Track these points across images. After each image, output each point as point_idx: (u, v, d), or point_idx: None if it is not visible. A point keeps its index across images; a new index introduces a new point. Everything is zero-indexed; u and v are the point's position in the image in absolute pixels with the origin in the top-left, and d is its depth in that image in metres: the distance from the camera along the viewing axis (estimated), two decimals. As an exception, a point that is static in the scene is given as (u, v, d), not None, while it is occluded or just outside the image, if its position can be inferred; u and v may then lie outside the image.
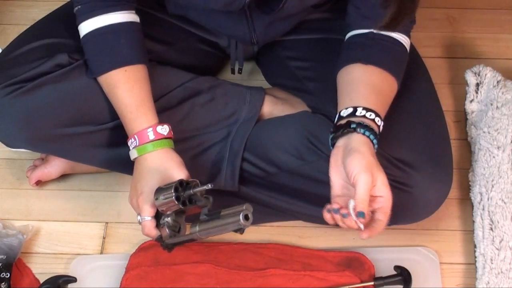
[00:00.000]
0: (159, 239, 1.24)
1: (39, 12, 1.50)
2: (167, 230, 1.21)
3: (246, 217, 1.14)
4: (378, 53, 1.26)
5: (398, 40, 1.28)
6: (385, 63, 1.25)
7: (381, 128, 1.20)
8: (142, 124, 1.23)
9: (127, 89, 1.25)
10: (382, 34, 1.27)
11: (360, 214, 1.11)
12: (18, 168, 1.54)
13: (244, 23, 1.37)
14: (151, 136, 1.23)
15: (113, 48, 1.26)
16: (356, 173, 1.12)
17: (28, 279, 1.37)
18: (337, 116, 1.21)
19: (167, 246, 1.25)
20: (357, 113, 1.19)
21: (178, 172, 1.22)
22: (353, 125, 1.17)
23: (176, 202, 1.17)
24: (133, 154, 1.24)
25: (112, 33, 1.26)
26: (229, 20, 1.36)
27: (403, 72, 1.29)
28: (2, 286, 1.33)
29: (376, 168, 1.14)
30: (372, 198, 1.13)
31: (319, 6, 1.39)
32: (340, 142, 1.18)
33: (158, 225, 1.23)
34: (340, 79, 1.27)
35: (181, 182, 1.18)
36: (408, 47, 1.30)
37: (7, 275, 1.34)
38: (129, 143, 1.25)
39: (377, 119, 1.19)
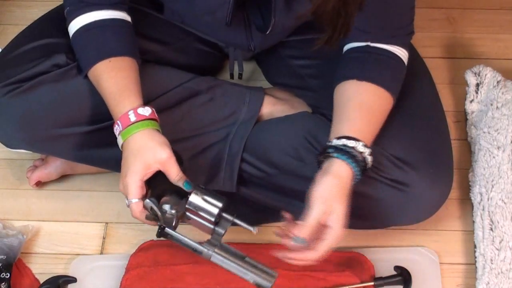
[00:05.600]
0: (151, 218, 1.17)
1: (38, 12, 1.50)
2: (174, 221, 1.15)
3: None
4: (374, 68, 1.26)
5: (394, 54, 1.27)
6: (381, 78, 1.25)
7: (366, 154, 1.19)
8: (125, 107, 1.20)
9: (111, 77, 1.23)
10: (379, 48, 1.26)
11: (294, 240, 1.13)
12: (18, 168, 1.54)
13: (242, 32, 1.37)
14: (132, 118, 1.18)
15: (99, 42, 1.26)
16: (313, 199, 1.14)
17: (28, 279, 1.38)
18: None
19: (162, 233, 1.17)
20: (339, 142, 1.19)
21: (161, 151, 1.17)
22: (330, 150, 1.18)
23: (213, 220, 1.14)
24: (119, 141, 1.21)
25: (99, 28, 1.25)
26: (227, 29, 1.36)
27: (399, 86, 1.28)
28: (2, 287, 1.33)
29: (338, 200, 1.14)
30: (322, 227, 1.14)
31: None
32: (323, 165, 1.19)
33: (158, 207, 1.16)
34: (335, 96, 1.27)
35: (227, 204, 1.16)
36: (405, 60, 1.29)
37: (7, 275, 1.34)
38: (114, 129, 1.21)
39: (359, 146, 1.18)
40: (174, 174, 1.17)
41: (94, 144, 1.34)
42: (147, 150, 1.17)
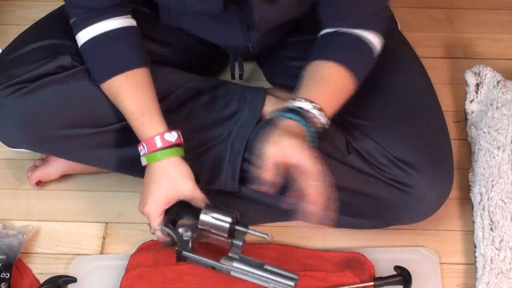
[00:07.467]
0: (170, 244, 1.24)
1: (39, 12, 1.50)
2: (190, 243, 1.20)
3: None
4: (333, 48, 1.26)
5: (360, 36, 1.25)
6: (339, 56, 1.24)
7: (320, 116, 1.19)
8: (149, 131, 1.22)
9: (130, 95, 1.24)
10: (346, 32, 1.26)
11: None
12: (18, 168, 1.54)
13: (238, 32, 1.37)
14: (159, 144, 1.22)
15: (112, 54, 1.26)
16: (265, 143, 1.14)
17: (28, 279, 1.37)
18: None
19: (180, 257, 1.23)
20: (295, 103, 1.20)
21: (184, 184, 1.21)
22: (278, 112, 1.19)
23: (226, 235, 1.18)
24: (143, 161, 1.24)
25: (109, 39, 1.25)
26: (224, 29, 1.36)
27: (363, 64, 1.27)
28: (2, 287, 1.33)
29: (292, 142, 1.13)
30: (294, 168, 1.13)
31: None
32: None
33: (174, 232, 1.22)
34: (302, 74, 1.27)
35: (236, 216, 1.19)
36: (376, 44, 1.27)
37: (7, 275, 1.34)
38: (139, 149, 1.24)
39: (312, 108, 1.18)
40: (201, 204, 1.22)
41: (97, 146, 1.34)
42: (171, 182, 1.21)
